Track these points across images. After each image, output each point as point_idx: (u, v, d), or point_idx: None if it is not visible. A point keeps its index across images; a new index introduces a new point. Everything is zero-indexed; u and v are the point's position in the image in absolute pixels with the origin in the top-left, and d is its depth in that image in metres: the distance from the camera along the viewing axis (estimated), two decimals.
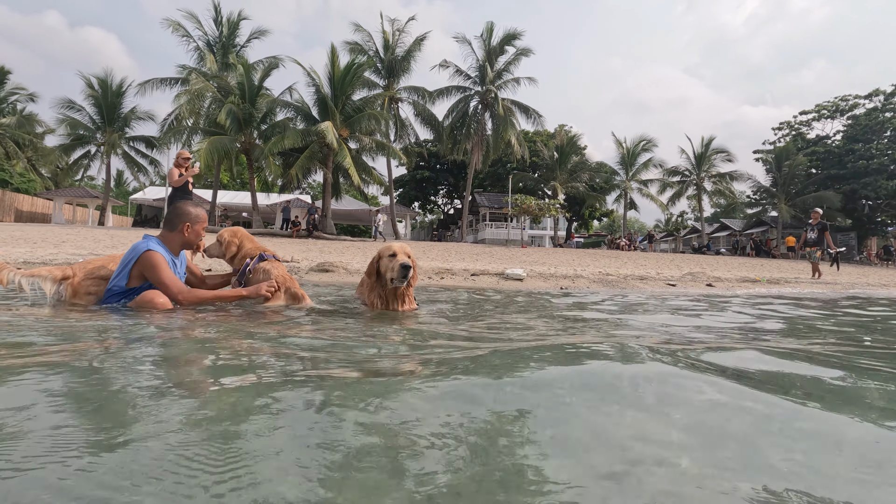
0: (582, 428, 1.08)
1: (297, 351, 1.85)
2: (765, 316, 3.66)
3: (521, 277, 6.53)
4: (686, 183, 40.46)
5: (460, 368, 1.56)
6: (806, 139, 42.16)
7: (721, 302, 4.50)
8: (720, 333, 2.73)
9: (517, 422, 1.10)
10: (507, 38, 31.42)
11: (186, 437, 0.95)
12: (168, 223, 3.02)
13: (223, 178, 47.84)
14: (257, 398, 1.19)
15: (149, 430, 0.98)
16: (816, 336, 2.80)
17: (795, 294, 5.78)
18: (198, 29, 30.59)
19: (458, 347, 1.97)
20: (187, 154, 7.27)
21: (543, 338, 2.30)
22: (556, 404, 1.22)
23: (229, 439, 0.94)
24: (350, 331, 2.36)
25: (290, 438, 0.96)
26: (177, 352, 1.78)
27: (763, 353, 1.99)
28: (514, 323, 2.93)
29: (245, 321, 2.51)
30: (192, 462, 0.84)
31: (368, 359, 1.74)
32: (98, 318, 2.36)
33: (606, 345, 2.05)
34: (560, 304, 3.94)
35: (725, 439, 1.05)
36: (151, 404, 1.14)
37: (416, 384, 1.35)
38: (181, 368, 1.56)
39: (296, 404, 1.16)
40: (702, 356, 1.85)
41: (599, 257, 20.46)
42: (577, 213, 46.22)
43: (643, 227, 79.64)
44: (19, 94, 32.43)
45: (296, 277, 6.17)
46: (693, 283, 7.56)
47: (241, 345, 1.91)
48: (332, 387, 1.31)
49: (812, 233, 12.40)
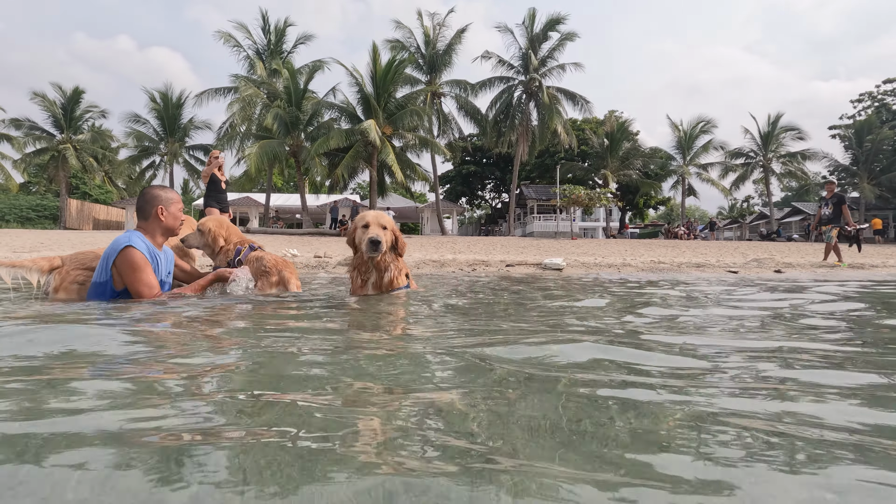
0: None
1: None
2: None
3: (560, 267, 6.06)
4: (751, 165, 37.56)
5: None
6: (891, 110, 37.99)
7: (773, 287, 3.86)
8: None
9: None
10: (551, 23, 30.36)
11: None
12: (140, 213, 2.85)
13: (277, 181, 49.77)
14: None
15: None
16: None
17: (878, 278, 4.94)
18: (247, 38, 31.82)
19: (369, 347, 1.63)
20: (216, 153, 7.37)
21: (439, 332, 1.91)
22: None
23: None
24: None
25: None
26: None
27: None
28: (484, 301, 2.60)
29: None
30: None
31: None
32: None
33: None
34: (575, 286, 3.50)
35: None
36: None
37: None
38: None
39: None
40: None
41: (655, 247, 19.29)
42: (630, 203, 44.14)
43: (704, 216, 75.05)
44: (92, 112, 35.05)
45: (321, 271, 6.07)
46: (758, 269, 6.76)
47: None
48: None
49: (827, 208, 10.35)
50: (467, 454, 0.69)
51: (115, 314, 2.11)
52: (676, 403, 0.93)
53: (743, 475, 0.64)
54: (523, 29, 31.09)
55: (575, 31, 30.38)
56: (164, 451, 0.70)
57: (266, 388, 1.04)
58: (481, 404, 0.92)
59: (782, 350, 1.48)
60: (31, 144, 32.93)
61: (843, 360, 1.36)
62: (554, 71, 31.17)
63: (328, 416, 0.84)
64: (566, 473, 0.64)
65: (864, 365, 1.31)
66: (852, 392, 1.03)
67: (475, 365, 1.23)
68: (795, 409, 0.91)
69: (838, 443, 0.75)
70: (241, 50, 31.62)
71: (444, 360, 1.31)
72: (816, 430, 0.80)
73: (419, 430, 0.79)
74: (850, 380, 1.13)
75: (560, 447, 0.72)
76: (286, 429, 0.78)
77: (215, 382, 1.08)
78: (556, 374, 1.16)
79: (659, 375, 1.14)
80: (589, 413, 0.88)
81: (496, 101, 31.91)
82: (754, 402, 0.97)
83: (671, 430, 0.81)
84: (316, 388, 1.02)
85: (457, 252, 14.41)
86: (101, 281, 2.66)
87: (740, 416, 0.87)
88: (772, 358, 1.36)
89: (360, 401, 0.95)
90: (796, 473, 0.67)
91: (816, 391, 1.03)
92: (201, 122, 34.37)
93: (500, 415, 0.86)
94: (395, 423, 0.82)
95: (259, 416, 0.85)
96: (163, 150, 33.97)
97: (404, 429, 0.79)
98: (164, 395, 0.97)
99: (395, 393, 0.99)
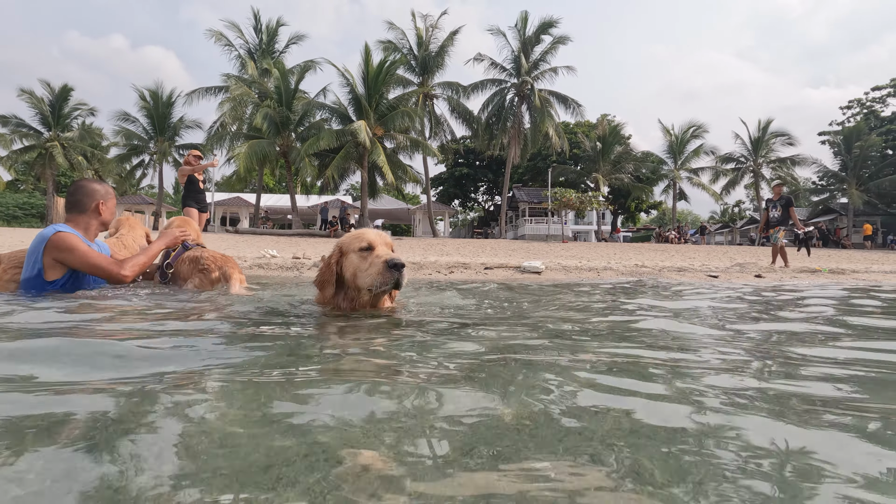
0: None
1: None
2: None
3: (538, 270, 5.98)
4: (741, 170, 37.84)
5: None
6: (880, 117, 38.42)
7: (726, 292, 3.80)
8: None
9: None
10: (543, 26, 30.42)
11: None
12: (76, 205, 2.74)
13: (268, 182, 49.51)
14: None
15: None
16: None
17: (860, 285, 4.89)
18: (239, 38, 31.68)
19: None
20: (197, 153, 7.24)
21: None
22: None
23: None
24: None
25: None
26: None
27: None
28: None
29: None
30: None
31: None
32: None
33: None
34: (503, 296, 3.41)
35: None
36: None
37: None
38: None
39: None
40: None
41: (644, 250, 19.32)
42: (622, 206, 44.33)
43: (696, 220, 75.50)
44: (81, 109, 34.69)
45: (295, 272, 5.94)
46: (740, 274, 6.72)
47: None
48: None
49: (775, 210, 10.17)
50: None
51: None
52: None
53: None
54: (516, 32, 31.12)
55: (567, 35, 30.47)
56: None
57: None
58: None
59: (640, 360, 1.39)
60: (18, 142, 32.53)
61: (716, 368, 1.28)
62: (546, 74, 31.23)
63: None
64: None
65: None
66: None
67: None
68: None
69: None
70: (232, 49, 31.48)
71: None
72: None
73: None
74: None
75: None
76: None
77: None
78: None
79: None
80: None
81: (488, 104, 31.90)
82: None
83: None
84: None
85: (444, 254, 14.33)
86: (31, 276, 2.54)
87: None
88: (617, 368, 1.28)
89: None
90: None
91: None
92: (191, 121, 34.10)
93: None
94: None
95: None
96: (152, 148, 33.65)
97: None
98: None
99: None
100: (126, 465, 0.64)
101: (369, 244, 2.10)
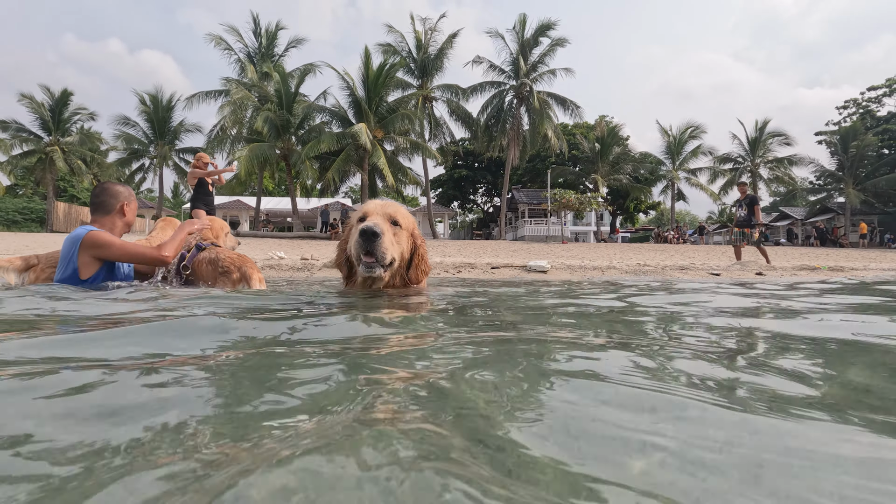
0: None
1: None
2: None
3: (544, 269, 6.09)
4: (739, 170, 38.04)
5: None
6: (876, 117, 38.70)
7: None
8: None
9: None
10: (542, 28, 30.60)
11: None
12: (101, 207, 2.80)
13: (268, 185, 49.57)
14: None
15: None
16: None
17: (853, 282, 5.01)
18: (238, 41, 31.77)
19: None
20: (206, 157, 7.34)
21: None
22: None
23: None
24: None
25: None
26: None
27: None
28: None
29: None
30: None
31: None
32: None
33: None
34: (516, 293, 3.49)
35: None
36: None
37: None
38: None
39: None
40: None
41: (643, 250, 19.45)
42: (621, 207, 44.51)
43: (695, 220, 75.76)
44: (81, 114, 34.73)
45: (306, 272, 6.04)
46: (741, 272, 6.84)
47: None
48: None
49: (742, 209, 10.41)
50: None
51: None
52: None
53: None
54: (514, 34, 31.29)
55: (565, 37, 30.62)
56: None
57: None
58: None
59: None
60: (18, 147, 32.54)
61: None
62: (545, 76, 31.39)
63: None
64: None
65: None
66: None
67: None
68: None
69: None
70: (231, 53, 31.58)
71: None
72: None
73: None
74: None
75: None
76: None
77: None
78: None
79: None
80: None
81: (487, 106, 32.05)
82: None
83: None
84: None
85: (447, 255, 14.42)
86: (66, 276, 2.61)
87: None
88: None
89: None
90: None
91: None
92: (191, 124, 34.20)
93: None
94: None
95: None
96: (152, 152, 33.71)
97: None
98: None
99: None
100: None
101: (364, 214, 1.95)
